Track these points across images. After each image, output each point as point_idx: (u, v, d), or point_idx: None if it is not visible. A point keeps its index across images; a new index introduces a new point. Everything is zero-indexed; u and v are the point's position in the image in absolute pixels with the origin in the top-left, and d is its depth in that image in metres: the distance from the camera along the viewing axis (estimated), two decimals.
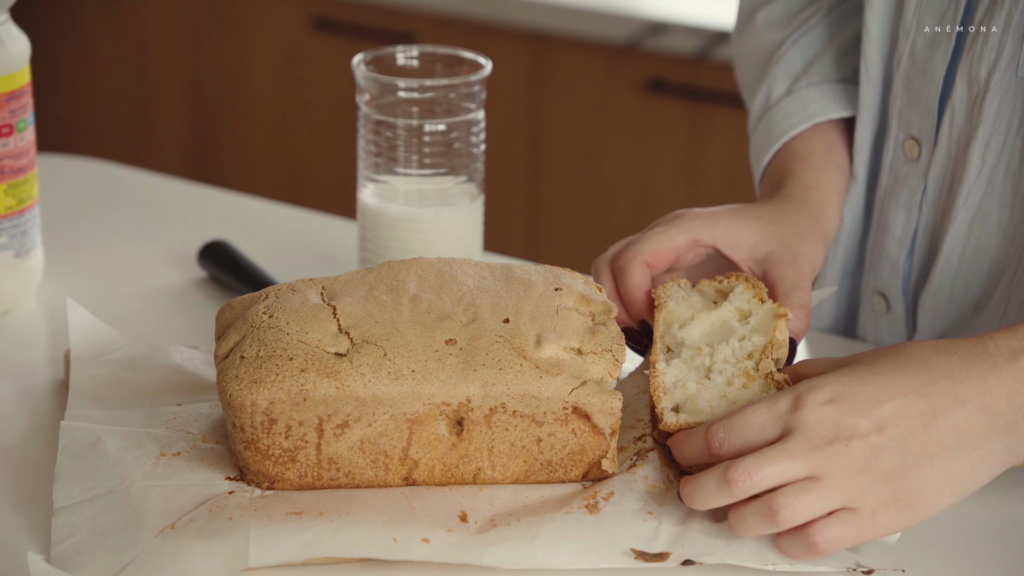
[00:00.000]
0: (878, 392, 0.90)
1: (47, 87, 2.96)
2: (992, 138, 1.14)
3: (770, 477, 0.89)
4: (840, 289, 1.31)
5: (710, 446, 0.92)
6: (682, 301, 1.06)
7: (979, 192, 1.15)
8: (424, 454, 0.96)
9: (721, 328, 1.03)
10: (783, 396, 0.91)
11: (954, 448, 0.90)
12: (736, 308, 1.04)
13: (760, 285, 1.04)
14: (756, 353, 1.01)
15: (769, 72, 1.27)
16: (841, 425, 0.89)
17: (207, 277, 1.32)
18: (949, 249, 1.18)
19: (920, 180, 1.20)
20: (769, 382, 0.99)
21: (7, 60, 1.18)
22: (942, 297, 1.19)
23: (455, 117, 1.24)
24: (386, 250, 1.25)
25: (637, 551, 0.91)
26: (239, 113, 2.90)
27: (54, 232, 1.36)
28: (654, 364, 1.00)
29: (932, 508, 0.91)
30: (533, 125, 2.57)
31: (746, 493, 0.89)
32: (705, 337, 1.03)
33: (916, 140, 1.19)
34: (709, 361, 1.01)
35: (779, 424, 0.90)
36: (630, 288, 1.07)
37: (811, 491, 0.89)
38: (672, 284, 1.07)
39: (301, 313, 0.97)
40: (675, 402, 0.98)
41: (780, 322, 1.02)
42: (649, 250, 1.08)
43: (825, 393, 0.90)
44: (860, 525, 0.89)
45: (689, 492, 0.91)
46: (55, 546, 0.90)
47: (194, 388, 1.07)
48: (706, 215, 1.10)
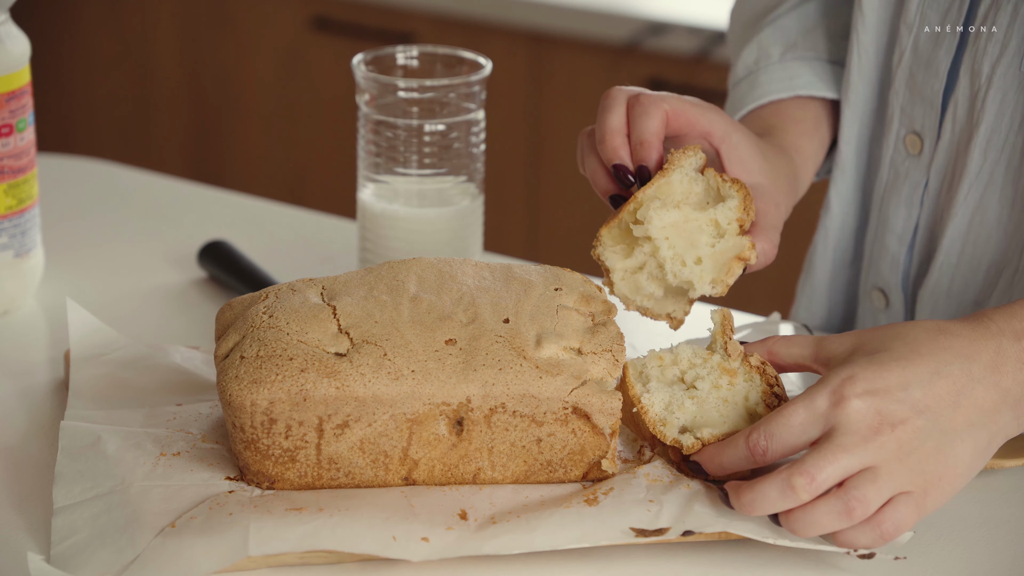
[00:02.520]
0: (905, 376, 0.92)
1: (47, 87, 2.96)
2: (994, 134, 1.13)
3: (832, 476, 0.90)
4: (834, 283, 1.31)
5: (753, 454, 0.93)
6: (686, 179, 1.02)
7: (980, 188, 1.15)
8: (424, 454, 0.96)
9: (690, 232, 1.01)
10: (818, 394, 0.92)
11: (977, 424, 0.93)
12: (716, 220, 1.02)
13: (751, 210, 1.02)
14: (717, 332, 1.01)
15: (761, 33, 1.26)
16: (883, 413, 0.91)
17: (207, 277, 1.32)
18: (948, 246, 1.18)
19: (922, 175, 1.19)
20: (748, 368, 0.99)
21: (7, 60, 1.18)
22: (940, 293, 1.19)
23: (455, 117, 1.24)
24: (386, 250, 1.25)
25: (637, 529, 0.91)
26: (239, 113, 2.90)
27: (54, 232, 1.36)
28: (639, 399, 0.99)
29: (964, 481, 0.94)
30: (533, 125, 2.57)
31: (811, 496, 0.90)
32: (669, 229, 1.01)
33: (918, 135, 1.19)
34: (678, 370, 1.00)
35: (820, 423, 0.92)
36: (645, 129, 1.02)
37: (874, 481, 0.90)
38: (691, 154, 1.02)
39: (301, 313, 0.97)
40: (679, 425, 0.98)
41: (737, 266, 1.01)
42: (677, 107, 1.04)
43: (860, 385, 0.92)
44: (917, 505, 0.92)
45: (749, 500, 0.91)
46: (55, 546, 0.90)
47: (194, 388, 1.07)
48: (726, 120, 1.07)
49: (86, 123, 3.09)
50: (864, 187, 1.27)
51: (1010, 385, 0.94)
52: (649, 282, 1.02)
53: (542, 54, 2.52)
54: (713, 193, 1.03)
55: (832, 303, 1.32)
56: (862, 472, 0.90)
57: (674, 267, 1.01)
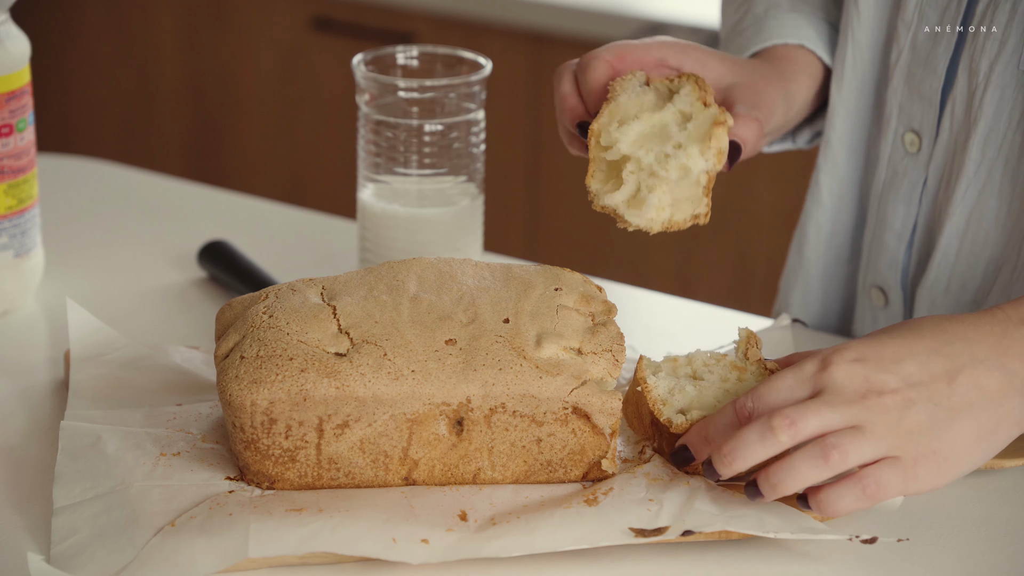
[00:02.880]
0: (900, 350, 0.92)
1: (47, 87, 2.96)
2: (992, 132, 1.13)
3: (813, 425, 0.90)
4: (829, 280, 1.30)
5: (739, 416, 0.93)
6: (634, 96, 1.03)
7: (978, 186, 1.15)
8: (424, 454, 0.96)
9: (659, 132, 1.01)
10: (808, 361, 0.92)
11: (978, 404, 0.92)
12: (679, 111, 1.01)
13: (708, 88, 1.01)
14: (741, 344, 1.01)
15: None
16: (871, 380, 0.91)
17: (207, 277, 1.32)
18: (946, 244, 1.18)
19: (921, 173, 1.19)
20: (761, 370, 0.99)
21: (7, 60, 1.18)
22: (939, 291, 1.19)
23: (455, 117, 1.24)
24: (386, 250, 1.25)
25: (636, 529, 0.91)
26: (239, 113, 2.90)
27: (54, 232, 1.36)
28: (644, 380, 1.00)
29: (965, 464, 0.92)
30: (533, 125, 2.57)
31: (791, 440, 0.90)
32: (640, 140, 1.01)
33: (917, 133, 1.19)
34: (691, 369, 1.01)
35: (807, 385, 0.92)
36: (589, 81, 1.05)
37: (856, 437, 0.90)
38: (630, 76, 1.04)
39: (301, 313, 0.97)
40: (677, 408, 0.98)
41: (718, 130, 0.99)
42: (616, 52, 1.06)
43: (851, 353, 0.92)
44: (904, 474, 0.91)
45: (731, 449, 0.91)
46: (55, 546, 0.90)
47: (194, 388, 1.07)
48: (680, 42, 1.10)
49: (86, 123, 3.09)
50: (861, 184, 1.27)
51: (1017, 368, 0.93)
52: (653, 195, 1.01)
53: (542, 54, 2.52)
54: (665, 94, 1.03)
55: (828, 300, 1.31)
56: (845, 428, 0.90)
57: (661, 165, 1.00)
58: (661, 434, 0.99)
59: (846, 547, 0.94)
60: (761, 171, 2.40)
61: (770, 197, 2.41)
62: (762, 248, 2.43)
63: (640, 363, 1.01)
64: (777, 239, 2.37)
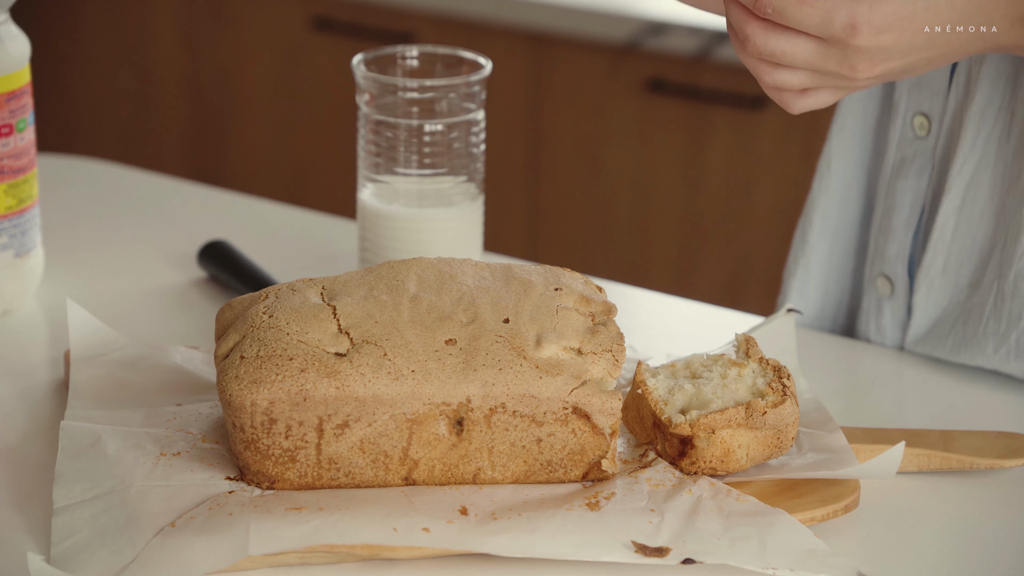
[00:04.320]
0: None
1: (47, 87, 2.96)
2: (988, 106, 1.13)
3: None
4: (832, 271, 1.29)
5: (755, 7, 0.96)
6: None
7: (973, 162, 1.15)
8: (424, 454, 0.96)
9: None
10: (838, 16, 0.95)
11: None
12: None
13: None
14: (741, 347, 1.01)
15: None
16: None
17: (207, 277, 1.32)
18: (943, 221, 1.17)
19: (929, 158, 1.19)
20: (764, 366, 0.99)
21: (7, 60, 1.18)
22: (935, 273, 1.19)
23: (455, 117, 1.24)
24: (386, 250, 1.25)
25: (638, 544, 0.91)
26: (239, 113, 2.90)
27: (54, 232, 1.36)
28: (643, 382, 1.00)
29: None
30: (533, 125, 2.57)
31: None
32: None
33: (926, 116, 1.19)
34: (689, 371, 1.01)
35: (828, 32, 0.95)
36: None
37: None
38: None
39: (301, 313, 0.97)
40: (678, 407, 0.98)
41: None
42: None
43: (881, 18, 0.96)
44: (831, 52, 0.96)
45: None
46: (55, 546, 0.90)
47: (194, 388, 1.07)
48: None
49: (86, 123, 3.09)
50: (869, 172, 1.26)
51: None
52: None
53: (542, 54, 2.52)
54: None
55: (827, 291, 1.30)
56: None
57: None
58: (663, 436, 0.99)
59: (844, 551, 0.94)
60: (761, 172, 2.40)
61: (770, 198, 2.41)
62: (762, 249, 2.43)
63: (639, 368, 1.01)
64: (776, 240, 2.37)
